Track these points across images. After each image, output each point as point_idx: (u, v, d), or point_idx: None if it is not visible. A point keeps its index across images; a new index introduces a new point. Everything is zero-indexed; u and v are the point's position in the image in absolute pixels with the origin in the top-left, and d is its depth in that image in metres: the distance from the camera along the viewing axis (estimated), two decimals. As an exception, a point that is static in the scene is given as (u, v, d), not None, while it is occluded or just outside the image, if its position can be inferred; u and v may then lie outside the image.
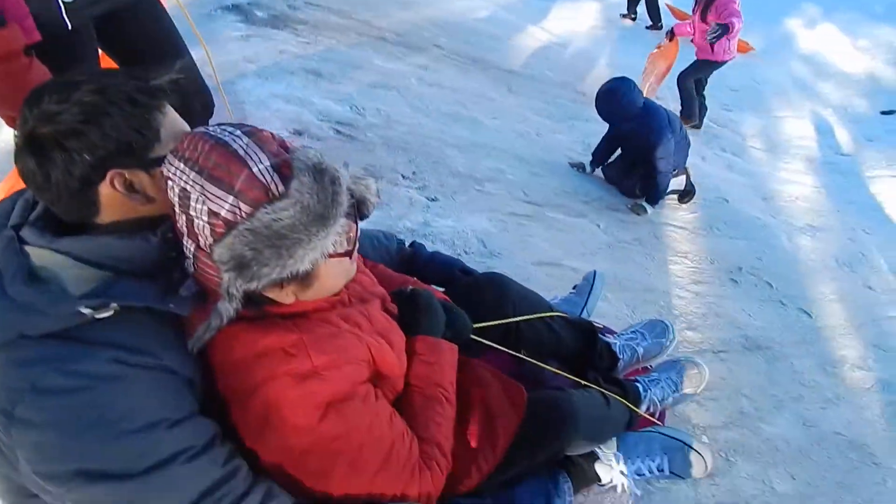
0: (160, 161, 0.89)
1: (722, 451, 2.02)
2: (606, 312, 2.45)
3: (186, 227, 0.88)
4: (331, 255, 0.94)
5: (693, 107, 5.45)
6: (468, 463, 1.24)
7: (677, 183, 3.71)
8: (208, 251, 0.87)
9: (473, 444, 1.26)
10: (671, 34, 5.33)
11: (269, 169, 0.86)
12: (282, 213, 0.84)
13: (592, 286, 1.95)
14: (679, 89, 5.45)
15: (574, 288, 2.02)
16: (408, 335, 1.23)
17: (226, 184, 0.84)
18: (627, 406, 1.60)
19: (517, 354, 1.51)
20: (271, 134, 0.92)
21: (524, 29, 6.53)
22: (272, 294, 0.95)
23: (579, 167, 3.82)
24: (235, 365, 0.96)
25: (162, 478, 0.84)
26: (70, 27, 1.57)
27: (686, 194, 3.79)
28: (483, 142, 3.61)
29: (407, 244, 1.74)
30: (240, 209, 0.84)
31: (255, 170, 0.85)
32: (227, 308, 0.90)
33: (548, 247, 2.78)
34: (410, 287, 1.34)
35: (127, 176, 0.89)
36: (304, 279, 0.94)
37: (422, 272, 1.62)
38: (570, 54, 4.65)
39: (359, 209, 1.16)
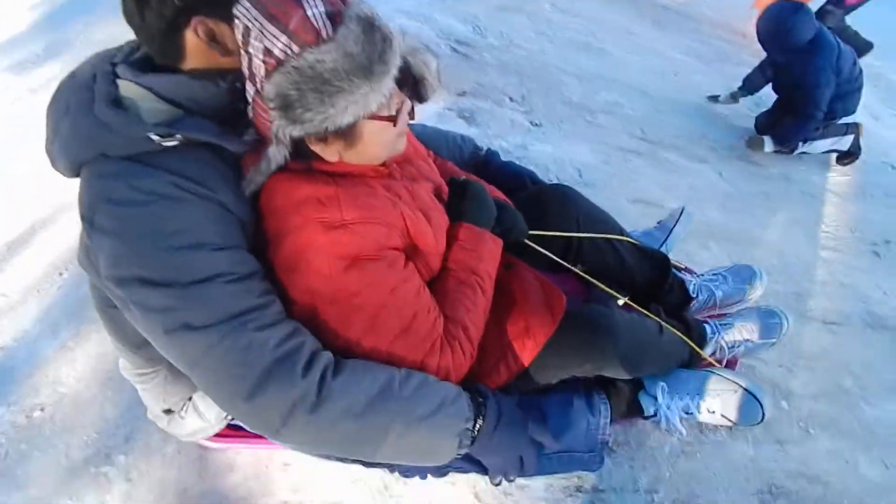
0: None
1: (802, 422, 1.83)
2: (703, 260, 2.27)
3: (247, 67, 0.94)
4: (373, 116, 0.97)
5: None
6: (496, 359, 1.24)
7: (843, 142, 3.22)
8: (260, 89, 0.93)
9: (504, 340, 1.26)
10: None
11: (323, 14, 0.88)
12: (325, 55, 0.87)
13: (677, 222, 1.80)
14: None
15: (658, 223, 1.88)
16: (452, 221, 1.24)
17: (281, 23, 0.88)
18: (688, 343, 1.49)
19: (570, 267, 1.45)
20: None
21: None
22: (318, 149, 1.00)
23: (714, 97, 3.45)
24: (277, 210, 1.03)
25: (202, 292, 0.93)
26: None
27: (848, 155, 3.29)
28: (607, 74, 3.39)
29: (483, 151, 1.72)
30: (291, 49, 0.88)
31: (309, 13, 0.88)
32: (276, 153, 0.97)
33: (651, 186, 2.59)
34: (464, 178, 1.34)
35: (210, 25, 0.96)
36: (346, 136, 0.98)
37: (491, 177, 1.59)
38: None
39: (416, 88, 1.17)
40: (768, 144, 3.11)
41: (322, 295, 1.02)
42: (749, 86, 3.36)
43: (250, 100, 0.97)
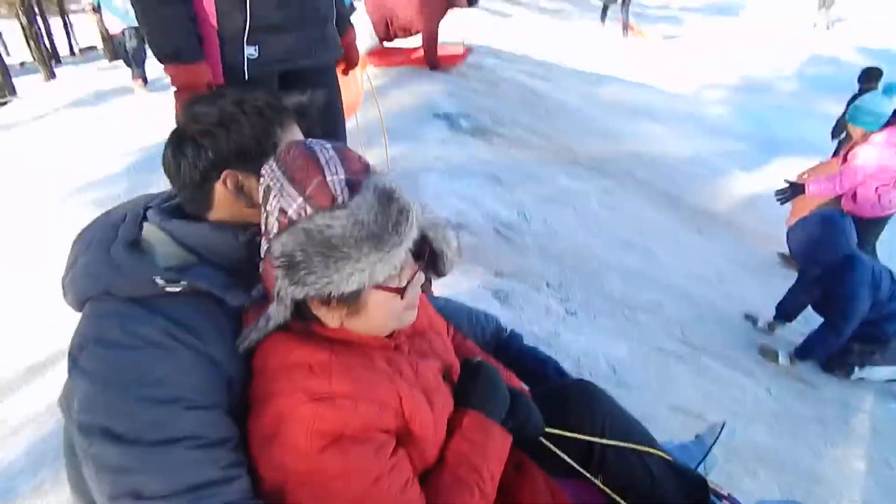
0: None
1: None
2: (749, 489, 2.00)
3: (264, 224, 0.95)
4: (380, 287, 0.94)
5: None
6: None
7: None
8: (270, 247, 0.92)
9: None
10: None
11: (342, 182, 0.89)
12: (335, 221, 0.87)
13: (717, 439, 1.61)
14: None
15: (696, 436, 1.69)
16: (458, 406, 1.13)
17: (300, 185, 0.89)
18: None
19: (590, 477, 1.28)
20: (359, 156, 0.97)
21: (731, 174, 6.19)
22: (320, 313, 0.96)
23: (753, 320, 3.34)
24: (265, 370, 0.96)
25: (164, 456, 0.85)
26: (247, 77, 1.86)
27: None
28: (651, 274, 3.38)
29: (507, 332, 1.64)
30: (305, 211, 0.89)
31: (328, 178, 0.89)
32: (276, 312, 0.93)
33: (693, 395, 2.41)
34: (479, 359, 1.24)
35: (240, 178, 1.02)
36: (350, 303, 0.94)
37: (511, 360, 1.49)
38: (784, 210, 4.23)
39: (434, 262, 1.14)
40: (783, 357, 2.96)
41: (295, 474, 0.90)
42: (783, 314, 3.30)
43: (262, 254, 0.96)
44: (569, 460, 1.27)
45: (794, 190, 3.72)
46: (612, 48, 11.17)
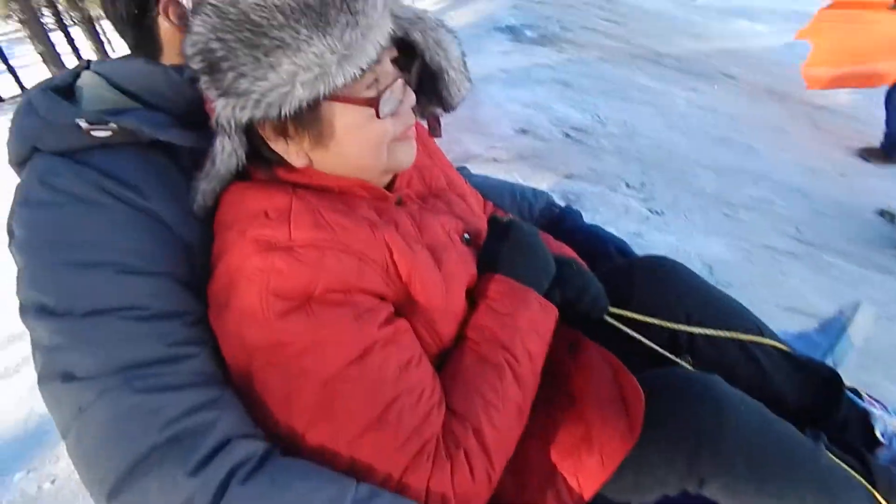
0: None
1: None
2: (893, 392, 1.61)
3: None
4: (341, 97, 0.69)
5: None
6: (540, 484, 0.81)
7: None
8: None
9: (552, 454, 0.82)
10: None
11: None
12: None
13: (850, 323, 1.25)
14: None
15: (820, 324, 1.33)
16: (483, 271, 0.87)
17: None
18: (870, 491, 0.91)
19: (675, 359, 0.99)
20: None
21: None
22: (279, 148, 0.73)
23: (888, 216, 2.78)
24: (220, 227, 0.75)
25: (95, 329, 0.68)
26: None
27: None
28: (752, 169, 2.90)
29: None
30: None
31: None
32: (222, 148, 0.71)
33: (810, 293, 2.00)
34: (512, 217, 0.97)
35: (182, 2, 0.82)
36: (309, 125, 0.71)
37: (565, 238, 1.17)
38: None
39: (432, 84, 0.88)
40: None
41: (256, 350, 0.68)
42: None
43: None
44: (644, 340, 0.98)
45: None
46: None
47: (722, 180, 2.68)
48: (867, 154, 3.55)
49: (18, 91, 13.84)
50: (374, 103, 0.71)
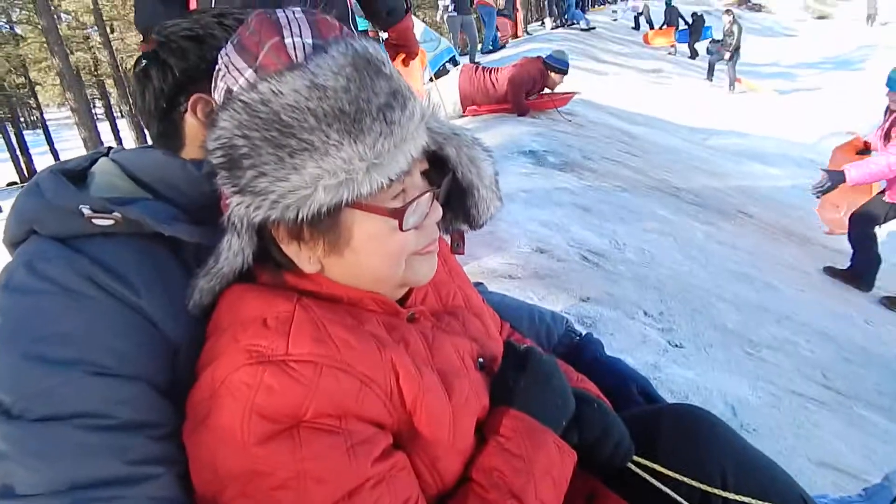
0: None
1: None
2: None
3: None
4: (364, 205, 0.66)
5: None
6: None
7: None
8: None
9: None
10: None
11: (307, 45, 0.63)
12: (285, 85, 0.61)
13: (898, 492, 1.11)
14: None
15: (864, 490, 1.19)
16: (496, 404, 0.79)
17: (250, 54, 0.65)
18: None
19: None
20: (342, 26, 0.70)
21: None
22: (291, 251, 0.69)
23: None
24: (214, 332, 0.69)
25: (47, 438, 0.61)
26: None
27: None
28: (774, 308, 2.82)
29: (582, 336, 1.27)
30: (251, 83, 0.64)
31: (287, 40, 0.64)
32: (229, 246, 0.67)
33: (845, 449, 1.84)
34: (530, 345, 0.89)
35: (211, 103, 0.80)
36: (326, 231, 0.66)
37: (584, 371, 1.07)
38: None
39: (461, 201, 0.85)
40: None
41: (231, 476, 0.59)
42: None
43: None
44: (679, 499, 0.85)
45: (832, 178, 3.44)
46: (718, 104, 10.51)
47: (743, 316, 2.59)
48: (890, 303, 3.48)
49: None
50: (398, 215, 0.67)
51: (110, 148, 0.88)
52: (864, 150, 3.93)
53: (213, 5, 0.96)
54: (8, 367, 0.63)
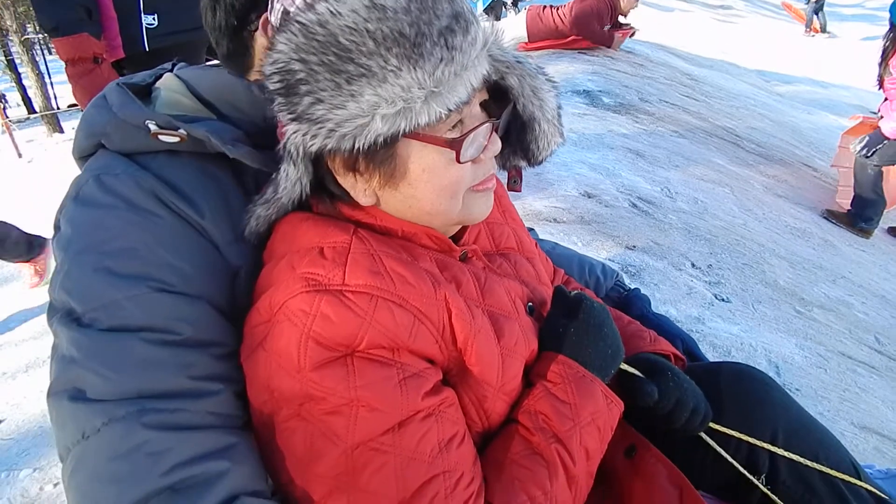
0: None
1: None
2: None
3: None
4: (423, 136, 0.64)
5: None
6: None
7: None
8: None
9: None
10: None
11: None
12: (343, 5, 0.58)
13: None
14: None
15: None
16: (544, 348, 0.78)
17: None
18: None
19: (756, 482, 0.85)
20: None
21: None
22: (347, 183, 0.68)
23: None
24: (271, 259, 0.71)
25: (115, 347, 0.64)
26: (147, 48, 1.79)
27: None
28: (830, 267, 2.70)
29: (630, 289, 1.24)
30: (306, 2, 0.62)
31: None
32: (286, 175, 0.67)
33: (892, 416, 1.79)
34: (579, 291, 0.87)
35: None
36: (382, 163, 0.65)
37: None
38: None
39: (520, 136, 0.81)
40: None
41: (286, 398, 0.62)
42: None
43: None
44: (728, 457, 0.84)
45: (872, 142, 3.40)
46: (793, 46, 9.77)
47: (797, 274, 2.50)
48: None
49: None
50: (456, 146, 0.65)
51: (174, 63, 0.87)
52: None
53: None
54: (78, 277, 0.66)
